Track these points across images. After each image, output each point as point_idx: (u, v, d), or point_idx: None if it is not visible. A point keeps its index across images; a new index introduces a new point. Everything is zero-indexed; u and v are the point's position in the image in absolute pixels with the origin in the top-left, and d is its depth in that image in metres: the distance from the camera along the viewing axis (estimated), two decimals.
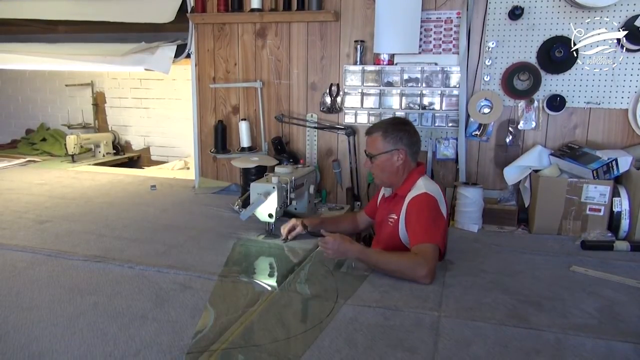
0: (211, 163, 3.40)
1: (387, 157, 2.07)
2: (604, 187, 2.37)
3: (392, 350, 1.36)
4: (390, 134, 2.07)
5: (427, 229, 1.90)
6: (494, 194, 2.78)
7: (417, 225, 1.93)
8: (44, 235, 2.32)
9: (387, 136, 2.07)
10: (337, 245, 1.88)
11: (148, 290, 1.73)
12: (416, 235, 1.91)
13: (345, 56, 2.97)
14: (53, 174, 3.86)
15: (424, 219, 1.94)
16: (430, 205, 1.97)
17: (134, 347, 1.35)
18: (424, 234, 1.88)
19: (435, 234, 1.89)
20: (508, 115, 2.75)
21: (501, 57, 2.70)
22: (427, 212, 1.95)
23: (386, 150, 2.06)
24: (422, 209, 1.96)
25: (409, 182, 2.07)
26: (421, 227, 1.91)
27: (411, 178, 2.08)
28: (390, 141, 2.07)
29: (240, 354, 1.35)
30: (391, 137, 2.07)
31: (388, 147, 2.06)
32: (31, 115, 5.33)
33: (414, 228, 1.94)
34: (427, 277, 1.79)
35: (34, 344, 1.36)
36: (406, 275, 1.81)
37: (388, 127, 2.09)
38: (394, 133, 2.07)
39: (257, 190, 2.26)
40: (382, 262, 1.86)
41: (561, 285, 1.83)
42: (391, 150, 2.06)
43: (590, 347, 1.39)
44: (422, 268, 1.78)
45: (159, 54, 3.22)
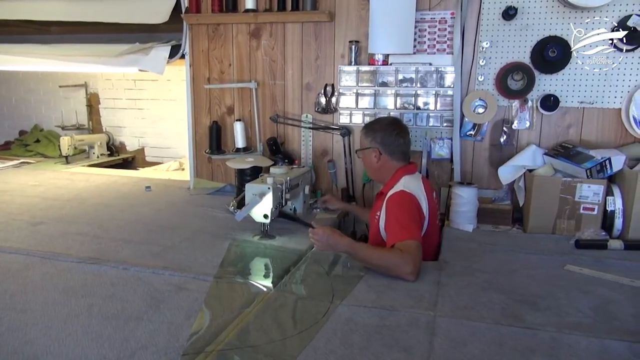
0: (206, 164, 3.39)
1: (366, 153, 2.24)
2: (598, 186, 2.38)
3: (388, 350, 1.36)
4: (366, 132, 2.24)
5: (406, 225, 1.91)
6: (489, 194, 2.78)
7: (395, 222, 1.95)
8: (37, 237, 2.31)
9: (367, 134, 2.24)
10: (326, 237, 1.88)
11: (143, 291, 1.73)
12: (394, 233, 1.92)
13: (339, 56, 2.97)
14: (47, 176, 3.84)
15: (402, 216, 1.95)
16: (406, 203, 1.99)
17: (129, 349, 1.35)
18: (404, 231, 1.89)
19: (414, 231, 1.90)
20: (502, 115, 2.76)
21: (495, 57, 2.71)
22: (405, 210, 1.97)
23: (364, 147, 2.24)
24: (397, 206, 1.99)
25: (393, 181, 2.15)
26: (399, 224, 1.92)
27: (395, 177, 2.16)
28: (366, 139, 2.23)
29: (236, 355, 1.35)
30: (366, 135, 2.24)
31: (365, 144, 2.24)
32: (25, 117, 5.29)
33: (392, 226, 1.96)
34: (412, 274, 1.80)
35: (28, 346, 1.36)
36: (391, 271, 1.81)
37: (368, 125, 2.28)
38: (369, 131, 2.24)
39: (252, 191, 2.26)
40: (369, 257, 1.87)
41: (556, 284, 1.84)
42: (367, 148, 2.22)
43: (585, 346, 1.39)
44: (408, 265, 1.79)
45: (153, 55, 3.21)
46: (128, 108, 4.97)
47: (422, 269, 1.90)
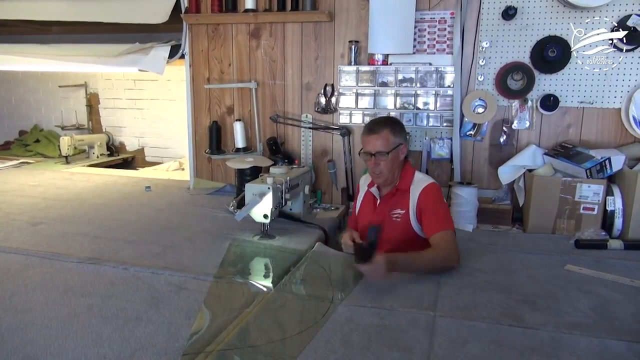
0: (206, 164, 3.39)
1: (396, 152, 2.09)
2: (598, 186, 2.39)
3: (387, 350, 1.36)
4: (397, 129, 2.11)
5: (444, 216, 2.03)
6: (489, 194, 2.78)
7: (434, 214, 2.02)
8: (37, 237, 2.31)
9: (395, 131, 2.09)
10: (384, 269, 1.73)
11: (143, 291, 1.73)
12: (433, 224, 2.00)
13: (339, 56, 2.97)
14: (47, 176, 3.84)
15: (440, 208, 2.05)
16: (441, 194, 2.10)
17: (128, 349, 1.35)
18: (442, 223, 2.00)
19: (449, 220, 2.04)
20: (502, 115, 2.76)
21: (495, 57, 2.71)
22: (441, 201, 2.09)
23: (396, 145, 2.08)
24: (437, 198, 2.07)
25: (408, 176, 2.14)
26: (438, 216, 2.02)
27: (408, 171, 2.15)
28: (398, 136, 2.10)
29: (236, 355, 1.35)
30: (398, 132, 2.11)
31: (397, 141, 2.09)
32: (24, 117, 5.29)
33: (431, 218, 2.03)
34: (457, 262, 1.95)
35: (28, 346, 1.36)
36: (441, 269, 1.90)
37: (393, 122, 2.14)
38: (399, 127, 2.14)
39: (252, 191, 2.25)
40: (423, 265, 1.88)
41: (555, 284, 1.84)
42: (399, 145, 2.10)
43: (584, 346, 1.40)
44: (453, 258, 1.93)
45: (153, 55, 3.21)
46: (128, 108, 4.97)
47: None
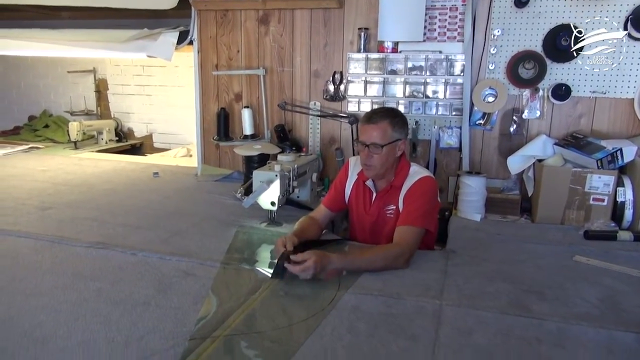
0: (214, 150, 3.40)
1: (392, 147, 1.98)
2: (608, 177, 2.36)
3: (393, 338, 1.36)
4: (397, 123, 1.98)
5: (421, 212, 1.93)
6: (497, 183, 2.77)
7: (411, 206, 1.95)
8: (46, 222, 2.33)
9: (395, 124, 1.97)
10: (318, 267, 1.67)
11: (150, 277, 1.74)
12: (404, 216, 1.94)
13: (348, 43, 2.95)
14: (56, 161, 3.86)
15: (424, 202, 1.96)
16: (433, 190, 2.01)
17: (136, 333, 1.36)
18: (415, 217, 1.91)
19: (425, 218, 1.93)
20: (512, 104, 2.73)
21: (506, 45, 2.68)
22: (429, 196, 1.99)
23: (394, 140, 1.97)
24: (425, 191, 1.99)
25: (403, 172, 2.05)
26: (414, 209, 1.93)
27: (403, 167, 2.06)
28: (397, 130, 1.98)
29: (243, 341, 1.36)
30: (399, 127, 1.98)
31: (395, 136, 1.97)
32: (34, 102, 5.31)
33: (407, 209, 1.96)
34: (405, 265, 1.84)
35: (37, 330, 1.37)
36: (389, 268, 1.80)
37: (394, 115, 2.01)
38: (401, 122, 2.00)
39: (259, 178, 2.26)
40: (365, 264, 1.79)
41: (564, 274, 1.83)
42: (397, 141, 1.99)
43: (592, 337, 1.39)
44: (401, 260, 1.83)
45: (161, 41, 3.20)
46: (136, 94, 4.97)
47: (430, 258, 1.95)
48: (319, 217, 2.20)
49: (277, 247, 1.82)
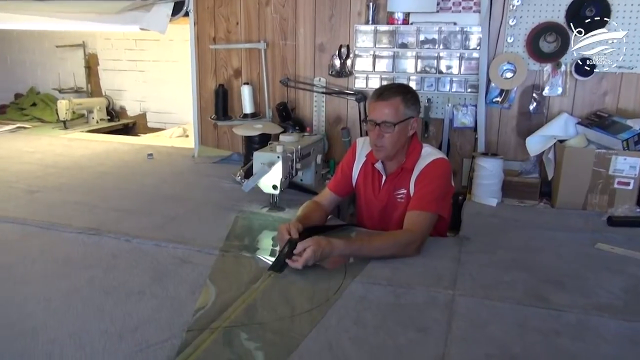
0: (211, 130, 3.39)
1: (404, 126, 1.96)
2: (635, 159, 2.35)
3: (403, 329, 1.37)
4: (410, 99, 1.96)
5: (433, 196, 1.93)
6: (515, 166, 2.75)
7: (423, 189, 1.95)
8: (35, 206, 2.34)
9: (407, 101, 1.94)
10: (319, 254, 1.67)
11: (145, 264, 1.75)
12: (416, 200, 1.93)
13: (356, 15, 2.92)
14: (44, 141, 3.88)
15: (437, 185, 1.96)
16: (447, 173, 2.00)
17: (131, 323, 1.37)
18: (427, 202, 1.91)
19: (438, 203, 1.93)
20: (532, 81, 2.71)
21: (526, 17, 2.64)
22: (442, 179, 1.98)
23: (406, 118, 1.95)
24: (439, 174, 1.98)
25: (415, 153, 2.04)
26: (426, 192, 1.93)
27: (415, 148, 2.05)
28: (410, 107, 1.96)
29: (243, 332, 1.37)
30: (412, 103, 1.96)
31: (408, 113, 1.95)
32: (20, 79, 5.32)
33: (419, 193, 1.95)
34: (416, 253, 1.84)
35: (27, 320, 1.39)
36: (398, 256, 1.80)
37: (406, 91, 1.99)
38: (413, 98, 1.99)
39: (260, 160, 2.25)
40: (372, 251, 1.79)
41: (585, 263, 1.83)
42: (409, 119, 1.96)
43: (613, 329, 1.39)
44: (412, 247, 1.83)
45: (155, 12, 3.17)
46: (129, 70, 4.96)
47: (442, 245, 1.95)
48: (324, 201, 2.19)
49: (281, 234, 1.81)
